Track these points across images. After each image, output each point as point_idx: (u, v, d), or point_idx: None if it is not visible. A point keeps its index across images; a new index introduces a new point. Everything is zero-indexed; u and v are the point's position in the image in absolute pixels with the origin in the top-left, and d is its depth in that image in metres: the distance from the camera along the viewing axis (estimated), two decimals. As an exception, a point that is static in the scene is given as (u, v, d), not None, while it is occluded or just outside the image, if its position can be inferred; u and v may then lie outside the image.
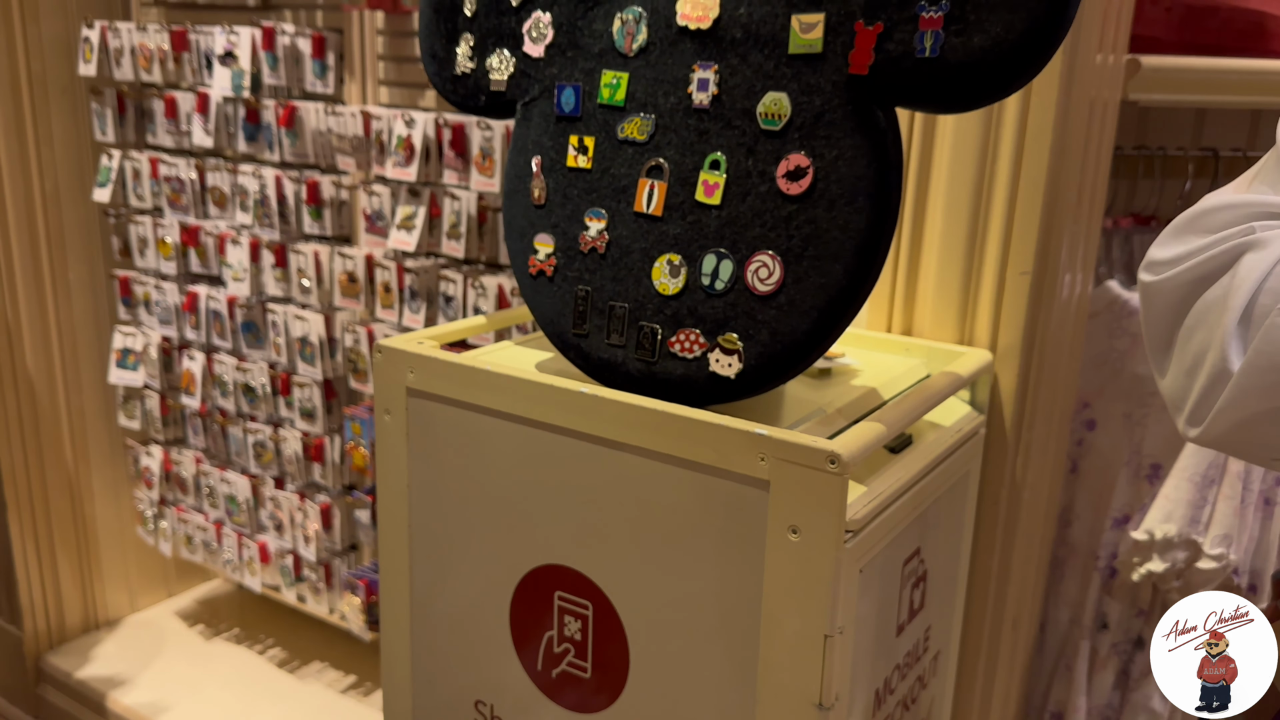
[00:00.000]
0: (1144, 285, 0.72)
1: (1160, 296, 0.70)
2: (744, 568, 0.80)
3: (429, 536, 1.02)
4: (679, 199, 0.85)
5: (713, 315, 0.83)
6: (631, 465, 0.85)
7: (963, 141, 1.08)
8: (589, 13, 0.90)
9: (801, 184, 0.79)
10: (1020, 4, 0.70)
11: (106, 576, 2.23)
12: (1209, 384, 0.64)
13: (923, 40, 0.73)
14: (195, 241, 1.88)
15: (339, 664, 2.09)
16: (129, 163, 1.94)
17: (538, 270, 0.94)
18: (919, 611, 1.00)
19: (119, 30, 1.85)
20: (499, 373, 0.91)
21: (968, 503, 1.11)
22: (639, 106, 0.87)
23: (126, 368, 2.02)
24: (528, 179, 0.95)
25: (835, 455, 0.73)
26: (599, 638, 0.91)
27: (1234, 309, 0.63)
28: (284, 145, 1.68)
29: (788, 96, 0.79)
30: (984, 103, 0.76)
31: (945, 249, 1.12)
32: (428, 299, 1.61)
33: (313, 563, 1.89)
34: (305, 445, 1.82)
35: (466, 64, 0.98)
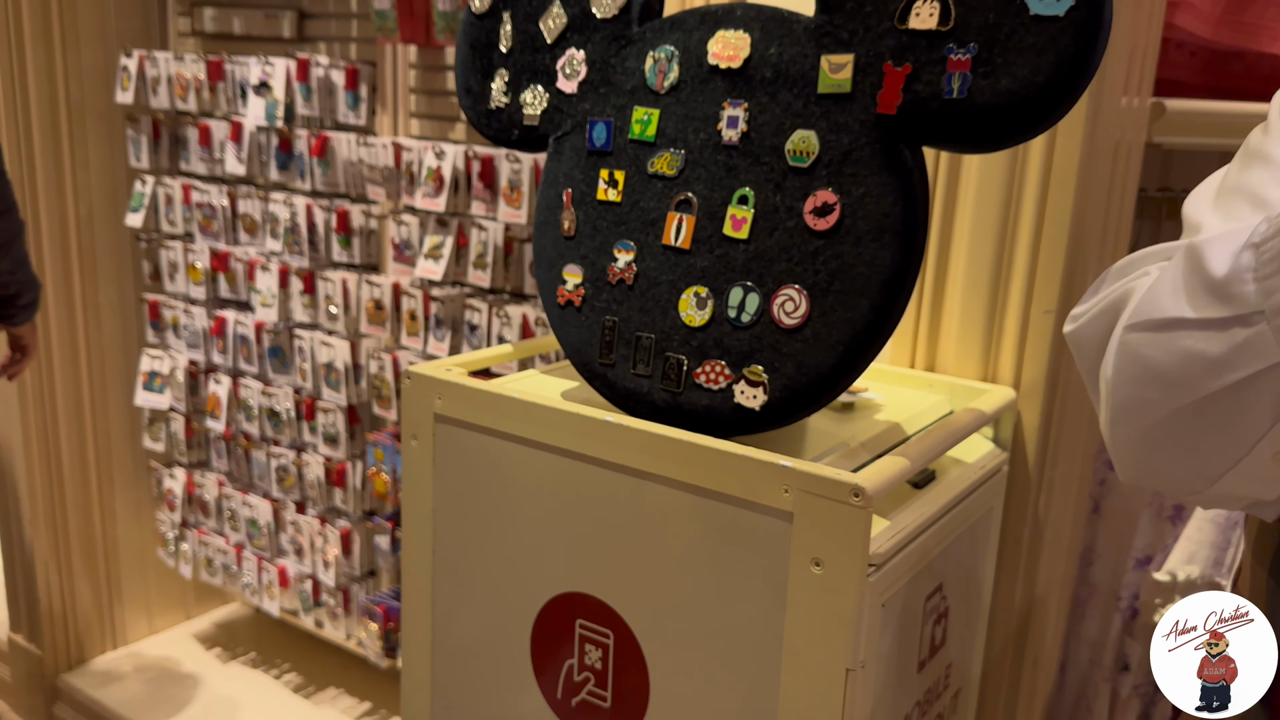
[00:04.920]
0: (1066, 336, 0.76)
1: (1074, 347, 0.74)
2: (766, 599, 0.80)
3: (452, 561, 1.03)
4: (707, 233, 0.86)
5: (738, 347, 0.84)
6: (656, 495, 0.86)
7: (988, 181, 1.09)
8: (622, 51, 0.92)
9: (829, 220, 0.80)
10: (1047, 47, 0.71)
11: (126, 598, 2.24)
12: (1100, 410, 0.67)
13: (950, 82, 0.75)
14: (225, 267, 1.91)
15: (355, 691, 2.10)
16: (162, 189, 1.97)
17: (566, 300, 0.95)
18: (940, 648, 1.00)
19: (156, 59, 1.89)
20: (526, 400, 0.93)
21: (990, 540, 1.11)
22: (669, 142, 0.89)
23: (153, 390, 2.05)
24: (558, 211, 0.96)
25: (860, 488, 0.74)
26: (619, 667, 0.91)
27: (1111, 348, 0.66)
28: (315, 174, 1.71)
29: (816, 134, 0.81)
30: (1010, 143, 0.77)
31: (969, 286, 1.13)
32: (453, 327, 1.63)
33: (331, 588, 1.90)
34: (327, 470, 1.83)
35: (501, 99, 1.00)
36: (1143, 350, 0.63)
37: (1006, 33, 0.72)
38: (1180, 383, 0.62)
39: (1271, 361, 0.57)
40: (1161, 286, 0.63)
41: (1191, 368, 0.61)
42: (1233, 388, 0.59)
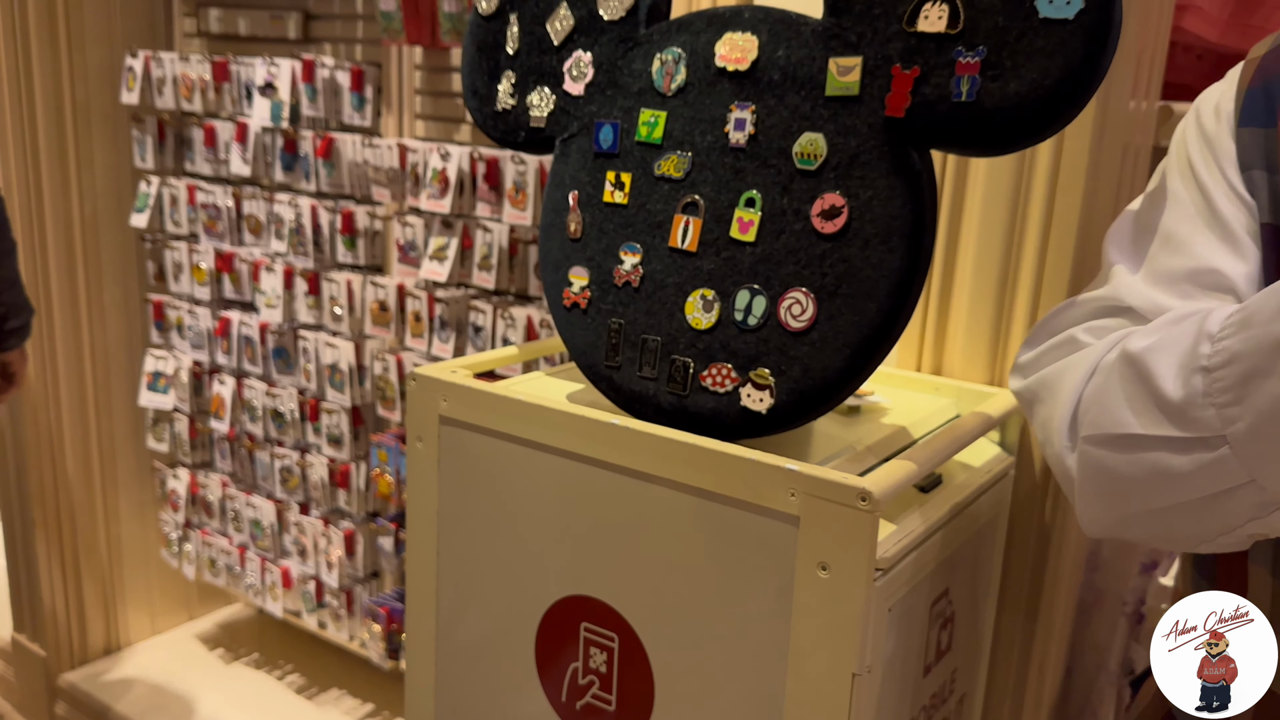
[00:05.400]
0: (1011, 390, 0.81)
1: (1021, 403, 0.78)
2: (772, 604, 0.80)
3: (456, 564, 1.02)
4: (714, 235, 0.86)
5: (745, 350, 0.84)
6: (661, 498, 0.85)
7: (995, 184, 1.09)
8: (629, 53, 0.92)
9: (836, 223, 0.80)
10: (1057, 50, 0.71)
11: (129, 598, 2.24)
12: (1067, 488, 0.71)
13: (959, 85, 0.75)
14: (229, 268, 1.91)
15: (357, 692, 2.09)
16: (167, 189, 1.97)
17: (572, 302, 0.95)
18: (946, 653, 0.99)
19: (162, 60, 1.89)
20: (531, 403, 0.92)
21: (996, 544, 1.10)
22: (676, 144, 0.88)
23: (157, 391, 2.05)
24: (564, 213, 0.96)
25: (866, 492, 0.74)
26: (624, 670, 0.91)
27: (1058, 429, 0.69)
28: (320, 175, 1.71)
29: (824, 137, 0.81)
30: (1019, 147, 0.76)
31: (976, 290, 1.12)
32: (457, 329, 1.63)
33: (334, 589, 1.89)
34: (331, 471, 1.83)
35: (507, 101, 1.00)
36: (1106, 463, 0.65)
37: (1016, 36, 0.72)
38: (1150, 493, 0.64)
39: (1240, 481, 0.58)
40: (1111, 397, 0.64)
41: (1160, 481, 0.62)
42: (1205, 498, 0.61)
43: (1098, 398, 0.65)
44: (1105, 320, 0.72)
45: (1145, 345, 0.62)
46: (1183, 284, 0.70)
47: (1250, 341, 0.55)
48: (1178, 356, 0.60)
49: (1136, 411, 0.62)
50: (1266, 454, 0.56)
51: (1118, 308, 0.72)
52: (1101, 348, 0.69)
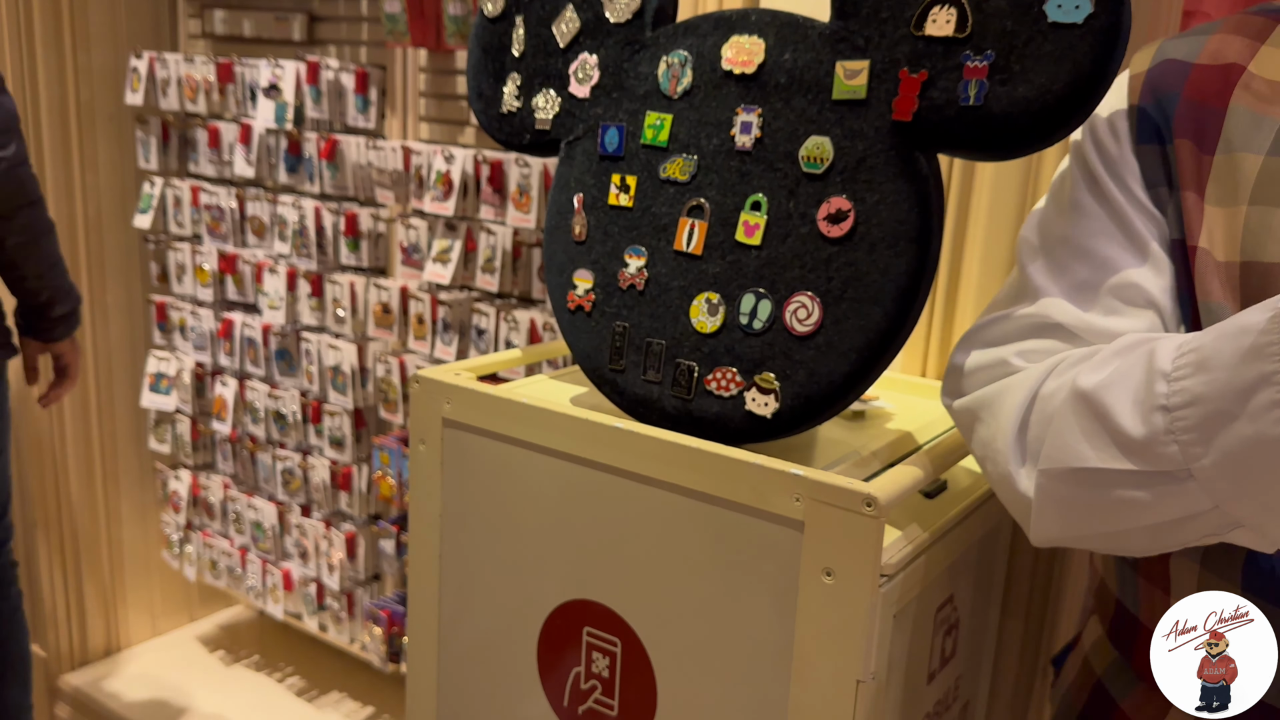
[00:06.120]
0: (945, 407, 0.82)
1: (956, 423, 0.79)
2: (776, 609, 0.80)
3: (459, 567, 1.02)
4: (719, 239, 0.86)
5: (750, 354, 0.84)
6: (665, 502, 0.85)
7: (1001, 188, 1.08)
8: (635, 55, 0.92)
9: (842, 227, 0.80)
10: (1065, 55, 0.70)
11: (130, 599, 2.24)
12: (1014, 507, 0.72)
13: (967, 89, 0.74)
14: (233, 269, 1.91)
15: (358, 694, 2.09)
16: (170, 190, 1.97)
17: (576, 305, 0.94)
18: (950, 660, 0.99)
19: (166, 61, 1.89)
20: (535, 406, 0.92)
21: (1000, 550, 1.10)
22: (682, 147, 0.88)
23: (159, 392, 2.05)
24: (569, 216, 0.96)
25: (872, 498, 0.73)
26: (627, 675, 0.91)
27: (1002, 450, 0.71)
28: (324, 177, 1.71)
29: (830, 141, 0.80)
30: (1027, 151, 0.76)
31: (982, 294, 1.12)
32: (460, 331, 1.63)
33: (336, 591, 1.89)
34: (333, 473, 1.83)
35: (513, 103, 1.00)
36: (1065, 494, 0.66)
37: (1024, 40, 0.72)
38: (1110, 519, 0.65)
39: (1205, 509, 0.60)
40: (1066, 432, 0.65)
41: (1121, 509, 0.63)
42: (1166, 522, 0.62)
43: (1052, 432, 0.66)
44: (1036, 342, 0.73)
45: (1096, 381, 0.63)
46: (1106, 299, 0.71)
47: (1213, 385, 0.56)
48: (1131, 393, 0.61)
49: (1095, 447, 0.63)
50: (1234, 489, 0.57)
51: (1047, 325, 0.73)
52: (1038, 372, 0.70)
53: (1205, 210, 0.69)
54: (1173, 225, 0.71)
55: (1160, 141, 0.72)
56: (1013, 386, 0.72)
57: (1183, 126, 0.71)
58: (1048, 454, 0.66)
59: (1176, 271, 0.71)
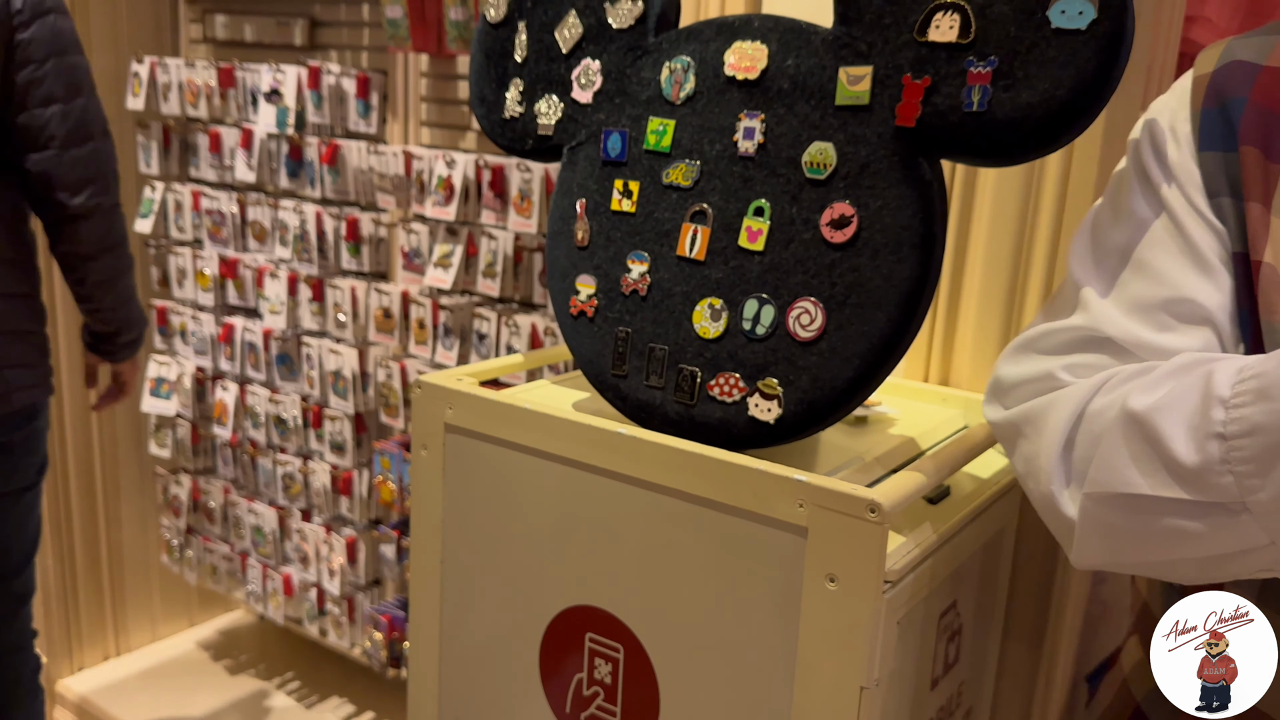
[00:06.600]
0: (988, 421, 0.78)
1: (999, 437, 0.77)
2: (779, 616, 0.79)
3: (461, 572, 1.02)
4: (722, 244, 0.86)
5: (753, 360, 0.84)
6: (668, 508, 0.85)
7: (1004, 194, 1.08)
8: (638, 61, 0.92)
9: (846, 232, 0.80)
10: (1069, 61, 0.70)
11: (130, 604, 2.24)
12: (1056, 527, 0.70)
13: (970, 94, 0.74)
14: (234, 274, 1.91)
15: (358, 700, 2.09)
16: (171, 195, 1.97)
17: (579, 311, 0.94)
18: (953, 666, 0.99)
19: (168, 66, 1.89)
20: (538, 411, 0.92)
21: (1004, 556, 1.09)
22: (684, 153, 0.88)
23: (160, 396, 2.05)
24: (572, 221, 0.96)
25: (876, 504, 0.73)
26: (629, 682, 0.90)
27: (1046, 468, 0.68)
28: (325, 182, 1.71)
29: (833, 146, 0.80)
30: (1030, 157, 0.76)
31: (985, 300, 1.12)
32: (461, 336, 1.63)
33: (336, 597, 1.89)
34: (334, 478, 1.83)
35: (515, 108, 1.00)
36: (1110, 519, 0.64)
37: (1028, 46, 0.72)
38: (1159, 549, 0.63)
39: (1260, 544, 0.58)
40: (1115, 455, 0.62)
41: (1170, 539, 0.61)
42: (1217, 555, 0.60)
43: (1099, 454, 0.63)
44: (1085, 356, 0.70)
45: (1149, 403, 0.60)
46: (1158, 314, 0.68)
47: (1274, 415, 0.54)
48: (1186, 417, 0.58)
49: (1144, 472, 0.60)
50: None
51: (1096, 339, 0.70)
52: (1086, 388, 0.67)
53: (1271, 223, 0.65)
54: (1235, 238, 0.67)
55: (1225, 149, 0.68)
56: (1059, 402, 0.69)
57: (1249, 133, 0.67)
58: (1094, 477, 0.64)
59: (1237, 287, 0.67)
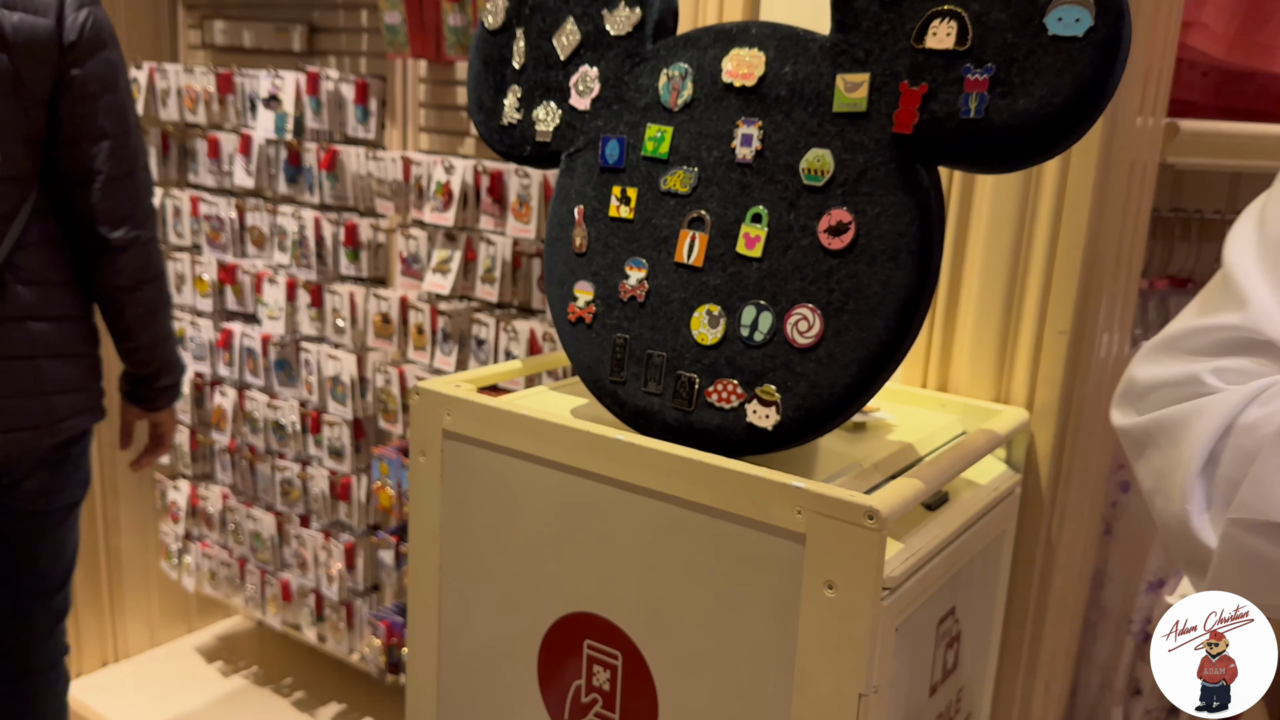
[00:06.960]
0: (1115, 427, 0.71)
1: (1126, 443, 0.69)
2: (778, 622, 0.79)
3: (459, 579, 1.02)
4: (720, 251, 0.86)
5: (751, 366, 0.84)
6: (666, 514, 0.85)
7: (1002, 200, 1.08)
8: (636, 68, 0.92)
9: (843, 239, 0.80)
10: (1066, 68, 0.70)
11: (129, 609, 2.23)
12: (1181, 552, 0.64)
13: (967, 102, 0.74)
14: (232, 279, 1.91)
15: (356, 705, 2.08)
16: (170, 200, 1.97)
17: (577, 317, 0.94)
18: (952, 672, 0.98)
19: (166, 72, 1.89)
20: (536, 417, 0.92)
21: (1002, 562, 1.09)
22: (682, 160, 0.88)
23: (159, 402, 2.04)
24: (570, 227, 0.96)
25: (874, 510, 0.73)
26: (627, 689, 0.90)
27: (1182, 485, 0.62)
28: (324, 188, 1.71)
29: (831, 153, 0.80)
30: (1028, 164, 0.76)
31: (982, 306, 1.12)
32: (460, 342, 1.62)
33: (335, 602, 1.88)
34: (332, 484, 1.83)
35: (513, 115, 1.00)
36: (1259, 551, 0.58)
37: (1025, 53, 0.72)
38: None
39: None
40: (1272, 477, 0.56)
41: None
42: None
43: (1253, 474, 0.57)
44: (1238, 360, 0.62)
45: None
46: None
47: None
48: None
49: None
50: None
51: (1254, 342, 0.62)
52: (1238, 397, 0.60)
53: None
54: None
55: None
56: (1204, 410, 0.61)
57: None
58: (1245, 500, 0.58)
59: None
